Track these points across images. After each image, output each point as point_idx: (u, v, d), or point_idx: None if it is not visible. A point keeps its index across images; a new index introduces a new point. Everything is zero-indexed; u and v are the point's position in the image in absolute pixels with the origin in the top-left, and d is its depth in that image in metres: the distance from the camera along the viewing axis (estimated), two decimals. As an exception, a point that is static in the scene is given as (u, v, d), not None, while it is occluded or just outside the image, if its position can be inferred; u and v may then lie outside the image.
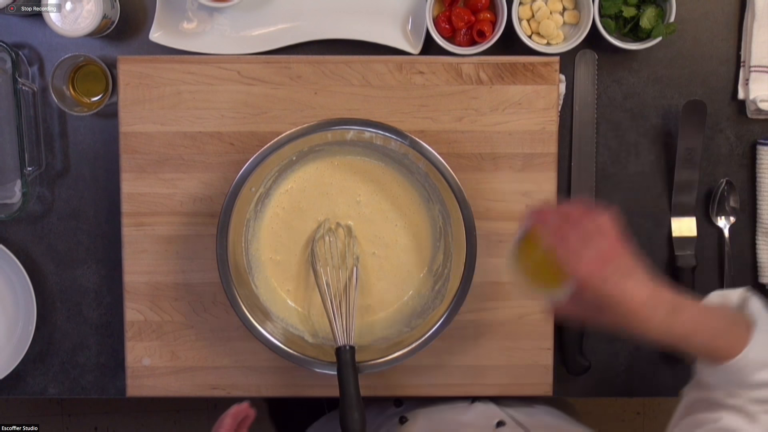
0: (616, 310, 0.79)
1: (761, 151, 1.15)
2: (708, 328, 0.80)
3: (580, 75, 1.15)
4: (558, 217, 0.83)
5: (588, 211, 0.83)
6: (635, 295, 0.78)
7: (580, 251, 0.79)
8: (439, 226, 1.10)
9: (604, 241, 0.81)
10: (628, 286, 0.79)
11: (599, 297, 0.78)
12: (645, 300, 0.78)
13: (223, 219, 1.02)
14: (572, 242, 0.80)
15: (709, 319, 0.81)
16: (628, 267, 0.80)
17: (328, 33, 1.13)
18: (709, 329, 0.80)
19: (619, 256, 0.81)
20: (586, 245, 0.79)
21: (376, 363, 1.04)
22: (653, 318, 0.78)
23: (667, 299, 0.80)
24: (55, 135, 1.16)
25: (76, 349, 1.18)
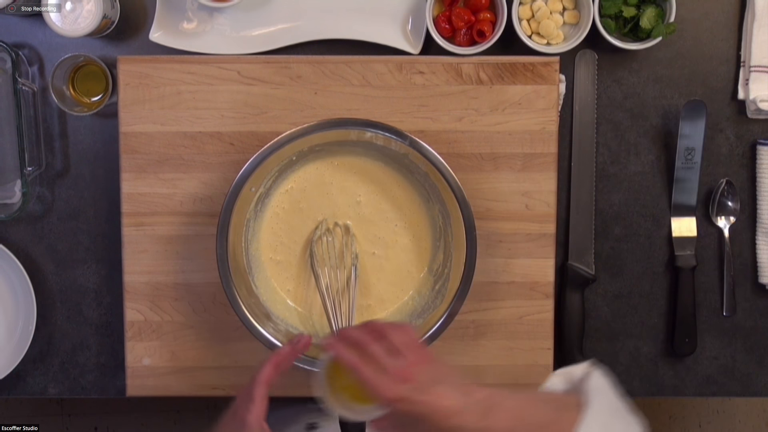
0: (431, 421, 0.76)
1: (761, 151, 1.15)
2: (530, 422, 0.77)
3: (580, 75, 1.15)
4: (357, 338, 0.82)
5: (386, 328, 0.82)
6: (444, 401, 0.76)
7: (383, 370, 0.79)
8: (439, 226, 1.10)
9: (407, 355, 0.80)
10: (438, 392, 0.77)
11: (410, 412, 0.77)
12: (455, 404, 0.76)
13: (223, 219, 1.02)
14: (374, 361, 0.79)
15: (531, 412, 0.78)
16: (436, 374, 0.79)
17: (328, 33, 1.13)
18: (531, 423, 0.77)
19: (424, 365, 0.79)
20: (387, 363, 0.79)
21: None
22: (467, 422, 0.76)
23: (478, 400, 0.77)
24: (55, 135, 1.16)
25: (76, 349, 1.18)
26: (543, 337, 1.12)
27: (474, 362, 1.12)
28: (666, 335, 1.18)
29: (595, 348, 1.18)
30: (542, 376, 1.12)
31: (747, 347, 1.18)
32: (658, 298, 1.18)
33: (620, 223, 1.17)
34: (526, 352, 1.12)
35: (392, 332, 0.82)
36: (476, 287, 1.04)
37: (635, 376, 1.19)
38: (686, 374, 1.19)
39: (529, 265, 1.11)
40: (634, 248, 1.17)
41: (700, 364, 1.19)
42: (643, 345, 1.18)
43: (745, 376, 1.19)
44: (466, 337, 1.11)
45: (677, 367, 1.19)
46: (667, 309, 1.18)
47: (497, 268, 1.11)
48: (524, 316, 1.12)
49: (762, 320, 1.18)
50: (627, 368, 1.19)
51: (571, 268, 1.15)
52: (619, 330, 1.18)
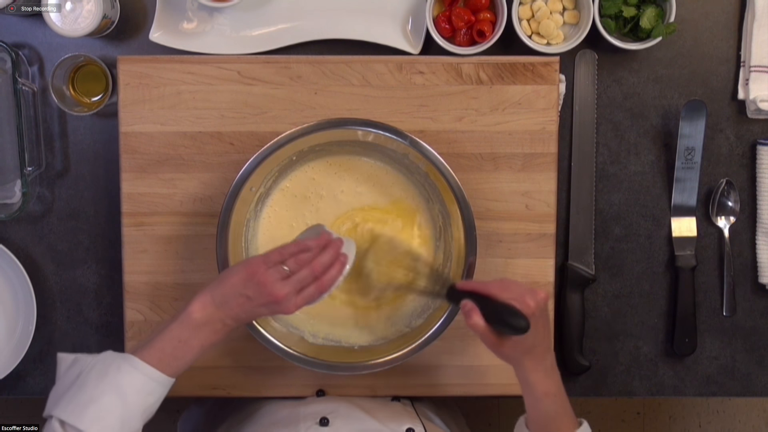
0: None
1: (761, 151, 1.15)
2: (565, 402, 0.96)
3: (580, 75, 1.15)
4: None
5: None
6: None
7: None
8: (439, 226, 1.10)
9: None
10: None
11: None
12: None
13: (223, 219, 1.02)
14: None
15: (565, 395, 0.97)
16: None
17: (328, 33, 1.13)
18: (565, 403, 0.96)
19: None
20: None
21: (377, 363, 1.04)
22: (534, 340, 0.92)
23: (548, 345, 0.96)
24: (55, 135, 1.16)
25: (76, 349, 1.18)
26: (543, 337, 1.12)
27: (474, 362, 1.12)
28: (666, 335, 1.18)
29: (595, 348, 1.18)
30: (542, 376, 1.12)
31: (747, 347, 1.18)
32: (658, 298, 1.18)
33: (620, 223, 1.17)
34: (526, 352, 1.12)
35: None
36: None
37: (635, 376, 1.19)
38: (686, 374, 1.19)
39: (529, 265, 1.11)
40: (634, 248, 1.17)
41: (700, 364, 1.19)
42: (643, 345, 1.18)
43: (745, 376, 1.19)
44: (466, 338, 1.11)
45: (677, 367, 1.19)
46: (667, 309, 1.18)
47: (497, 268, 1.11)
48: (524, 316, 1.12)
49: (762, 320, 1.18)
50: (627, 368, 1.19)
51: (571, 268, 1.15)
52: (619, 330, 1.18)
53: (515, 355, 0.93)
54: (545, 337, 0.94)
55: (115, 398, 0.86)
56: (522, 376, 0.94)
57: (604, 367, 1.18)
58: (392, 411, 1.06)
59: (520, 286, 0.92)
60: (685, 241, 1.16)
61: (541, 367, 0.94)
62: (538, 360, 0.93)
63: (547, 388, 0.94)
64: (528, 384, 0.94)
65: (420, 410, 1.10)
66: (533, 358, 0.93)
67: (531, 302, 0.90)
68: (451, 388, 1.13)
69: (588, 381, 1.18)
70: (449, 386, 1.13)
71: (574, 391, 1.19)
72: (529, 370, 0.93)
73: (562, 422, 0.95)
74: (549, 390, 0.94)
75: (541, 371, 0.94)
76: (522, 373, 0.94)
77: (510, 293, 0.91)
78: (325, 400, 1.09)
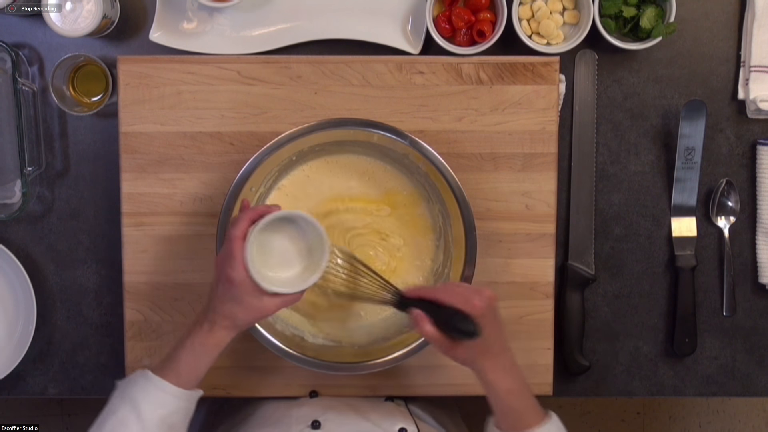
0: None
1: (761, 151, 1.15)
2: (528, 397, 0.95)
3: (580, 75, 1.15)
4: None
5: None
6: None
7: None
8: (439, 226, 1.10)
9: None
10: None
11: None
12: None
13: (223, 219, 1.02)
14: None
15: (528, 389, 0.96)
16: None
17: (328, 33, 1.13)
18: (528, 398, 0.95)
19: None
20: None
21: (377, 363, 1.04)
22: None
23: (503, 340, 0.94)
24: (55, 135, 1.16)
25: (76, 349, 1.18)
26: (543, 337, 1.12)
27: (474, 362, 1.12)
28: (666, 335, 1.18)
29: (595, 348, 1.18)
30: (542, 375, 1.12)
31: (747, 347, 1.18)
32: (658, 298, 1.18)
33: (620, 223, 1.17)
34: (526, 352, 1.12)
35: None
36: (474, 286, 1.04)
37: (635, 376, 1.19)
38: (686, 374, 1.19)
39: (529, 265, 1.11)
40: (634, 248, 1.17)
41: (700, 364, 1.19)
42: (643, 345, 1.18)
43: (745, 376, 1.19)
44: (466, 337, 1.11)
45: (677, 367, 1.19)
46: (667, 309, 1.18)
47: (497, 268, 1.11)
48: (524, 316, 1.12)
49: (762, 320, 1.18)
50: (627, 368, 1.19)
51: (571, 268, 1.15)
52: (619, 330, 1.18)
53: (471, 357, 0.92)
54: (498, 335, 0.92)
55: (130, 411, 0.92)
56: (482, 377, 0.93)
57: (604, 367, 1.18)
58: (385, 411, 1.06)
59: (466, 288, 0.92)
60: (685, 241, 1.16)
61: (500, 366, 0.93)
62: (495, 359, 0.93)
63: (509, 386, 0.93)
64: (489, 384, 0.93)
65: (413, 410, 1.10)
66: (490, 358, 0.92)
67: (478, 303, 0.89)
68: (451, 388, 1.13)
69: (588, 381, 1.18)
70: (449, 386, 1.13)
71: (574, 391, 1.19)
72: (488, 370, 0.92)
73: (530, 417, 0.94)
74: (511, 387, 0.93)
75: (500, 370, 0.93)
76: (482, 375, 0.93)
77: (456, 297, 0.90)
78: (317, 401, 1.09)
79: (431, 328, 0.91)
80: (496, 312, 0.92)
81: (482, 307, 0.89)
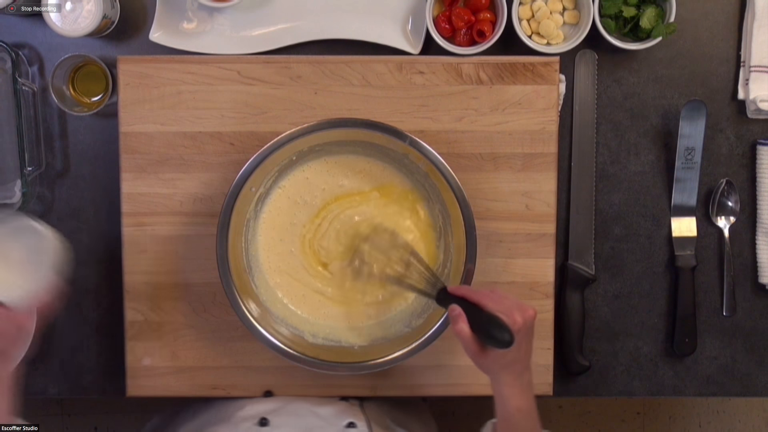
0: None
1: (761, 151, 1.15)
2: (536, 422, 0.95)
3: (580, 75, 1.15)
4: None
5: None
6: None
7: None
8: (439, 226, 1.10)
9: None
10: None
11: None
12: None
13: (223, 219, 1.02)
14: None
15: (537, 414, 0.95)
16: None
17: (328, 33, 1.13)
18: (536, 422, 0.95)
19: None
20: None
21: (377, 363, 1.04)
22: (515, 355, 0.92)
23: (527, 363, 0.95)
24: (55, 135, 1.16)
25: (76, 349, 1.18)
26: (543, 337, 1.12)
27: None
28: (666, 335, 1.18)
29: (595, 348, 1.18)
30: (542, 375, 1.12)
31: (747, 347, 1.18)
32: (658, 298, 1.18)
33: (620, 223, 1.17)
34: (526, 352, 1.12)
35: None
36: (476, 287, 1.04)
37: (635, 376, 1.19)
38: (686, 374, 1.19)
39: (529, 265, 1.11)
40: (634, 248, 1.17)
41: (700, 364, 1.19)
42: (643, 345, 1.18)
43: (745, 376, 1.19)
44: (466, 337, 1.11)
45: (677, 367, 1.19)
46: (667, 309, 1.18)
47: (497, 268, 1.11)
48: (524, 316, 1.12)
49: (762, 320, 1.18)
50: (627, 368, 1.19)
51: (571, 268, 1.15)
52: (619, 330, 1.18)
53: (494, 367, 0.93)
54: (526, 354, 0.93)
55: None
56: (497, 388, 0.94)
57: (604, 367, 1.18)
58: (337, 409, 1.07)
59: (511, 301, 0.92)
60: (685, 241, 1.16)
61: (518, 383, 0.93)
62: (516, 375, 0.93)
63: (521, 404, 0.94)
64: (502, 397, 0.94)
65: (369, 409, 1.10)
66: (511, 373, 0.93)
67: (519, 318, 0.90)
68: (451, 388, 1.13)
69: (588, 381, 1.18)
70: (449, 386, 1.13)
71: (574, 391, 1.19)
72: (506, 384, 0.93)
73: None
74: (522, 406, 0.94)
75: (518, 387, 0.93)
76: (498, 386, 0.94)
77: (500, 306, 0.91)
78: (270, 400, 1.09)
79: (466, 327, 0.91)
80: (532, 331, 0.93)
81: (522, 322, 0.90)
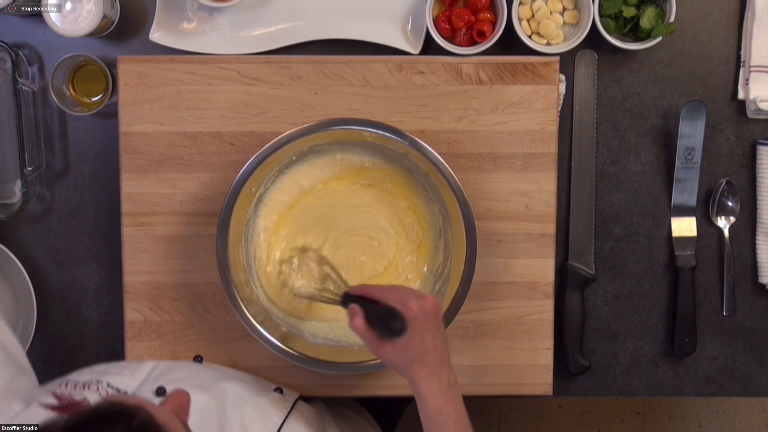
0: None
1: (761, 151, 1.15)
2: (463, 428, 0.90)
3: (580, 75, 1.15)
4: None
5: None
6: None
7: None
8: (439, 226, 1.10)
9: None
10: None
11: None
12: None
13: (223, 219, 1.02)
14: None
15: (466, 421, 0.91)
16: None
17: (328, 33, 1.13)
18: (462, 429, 0.90)
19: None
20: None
21: (377, 363, 1.04)
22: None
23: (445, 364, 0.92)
24: (55, 135, 1.16)
25: (76, 349, 1.18)
26: (543, 337, 1.12)
27: (474, 362, 1.12)
28: (666, 335, 1.18)
29: (595, 348, 1.18)
30: (542, 376, 1.12)
31: (747, 347, 1.18)
32: (658, 298, 1.18)
33: (620, 223, 1.17)
34: (526, 352, 1.12)
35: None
36: (476, 287, 1.05)
37: (635, 376, 1.19)
38: (686, 374, 1.19)
39: (529, 265, 1.11)
40: (634, 248, 1.17)
41: (700, 364, 1.19)
42: (643, 345, 1.18)
43: (745, 376, 1.19)
44: (465, 337, 1.11)
45: (677, 367, 1.19)
46: (667, 309, 1.18)
47: (497, 268, 1.11)
48: (524, 316, 1.12)
49: (762, 320, 1.18)
50: (627, 368, 1.19)
51: (571, 268, 1.15)
52: (619, 330, 1.18)
53: (402, 362, 0.90)
54: (436, 346, 0.90)
55: None
56: (414, 388, 0.90)
57: (604, 367, 1.18)
58: (268, 401, 1.01)
59: (407, 291, 0.92)
60: (685, 241, 1.16)
61: (435, 380, 0.89)
62: (431, 371, 0.89)
63: (440, 406, 0.89)
64: (420, 398, 0.90)
65: (301, 407, 1.04)
66: (424, 368, 0.89)
67: (414, 305, 0.88)
68: (451, 388, 1.13)
69: (588, 381, 1.18)
70: (449, 386, 1.13)
71: (574, 391, 1.19)
72: (420, 380, 0.89)
73: None
74: (442, 408, 0.89)
75: (435, 385, 0.89)
76: (413, 385, 0.90)
77: (395, 296, 0.90)
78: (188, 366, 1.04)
79: (361, 322, 0.90)
80: (436, 321, 0.91)
81: (417, 308, 0.88)
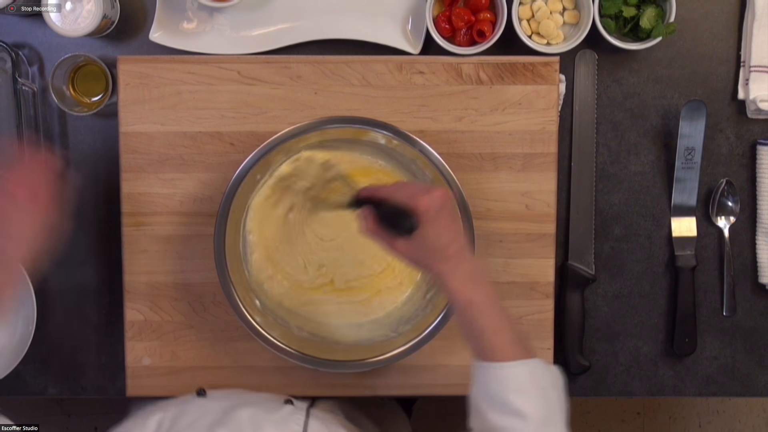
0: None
1: (761, 151, 1.15)
2: (498, 319, 0.85)
3: (580, 75, 1.15)
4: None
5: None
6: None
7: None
8: (439, 226, 1.09)
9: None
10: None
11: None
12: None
13: (221, 219, 1.02)
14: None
15: (500, 311, 0.85)
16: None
17: (328, 33, 1.13)
18: (498, 320, 0.85)
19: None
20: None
21: (378, 360, 1.04)
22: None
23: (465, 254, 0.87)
24: (55, 135, 1.16)
25: (76, 349, 1.18)
26: (543, 337, 1.12)
27: (474, 362, 1.12)
28: (666, 335, 1.18)
29: (595, 348, 1.18)
30: (542, 376, 1.12)
31: (747, 347, 1.18)
32: (658, 298, 1.18)
33: (620, 223, 1.17)
34: (526, 352, 1.12)
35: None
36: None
37: (635, 376, 1.19)
38: (686, 374, 1.19)
39: (529, 265, 1.11)
40: (634, 248, 1.17)
41: (700, 364, 1.19)
42: (643, 345, 1.18)
43: (745, 376, 1.19)
44: (466, 337, 1.11)
45: (677, 367, 1.19)
46: (667, 309, 1.18)
47: (497, 268, 1.11)
48: (524, 316, 1.12)
49: (762, 320, 1.18)
50: (627, 368, 1.19)
51: (571, 268, 1.15)
52: (619, 330, 1.18)
53: (420, 257, 0.87)
54: (452, 236, 0.86)
55: None
56: (442, 284, 0.86)
57: (604, 367, 1.18)
58: (283, 414, 0.98)
59: (415, 186, 0.88)
60: (685, 241, 1.16)
61: (461, 272, 0.85)
62: (453, 264, 0.85)
63: (468, 297, 0.84)
64: (449, 294, 0.86)
65: (314, 412, 1.00)
66: (446, 261, 0.85)
67: (423, 200, 0.84)
68: (451, 388, 1.13)
69: (588, 381, 1.18)
70: (449, 386, 1.13)
71: (574, 391, 1.19)
72: (446, 275, 0.85)
73: (501, 346, 0.83)
74: (473, 299, 0.84)
75: (460, 278, 0.85)
76: (442, 283, 0.86)
77: (404, 193, 0.86)
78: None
79: (371, 224, 0.88)
80: (449, 213, 0.87)
81: (427, 202, 0.84)
